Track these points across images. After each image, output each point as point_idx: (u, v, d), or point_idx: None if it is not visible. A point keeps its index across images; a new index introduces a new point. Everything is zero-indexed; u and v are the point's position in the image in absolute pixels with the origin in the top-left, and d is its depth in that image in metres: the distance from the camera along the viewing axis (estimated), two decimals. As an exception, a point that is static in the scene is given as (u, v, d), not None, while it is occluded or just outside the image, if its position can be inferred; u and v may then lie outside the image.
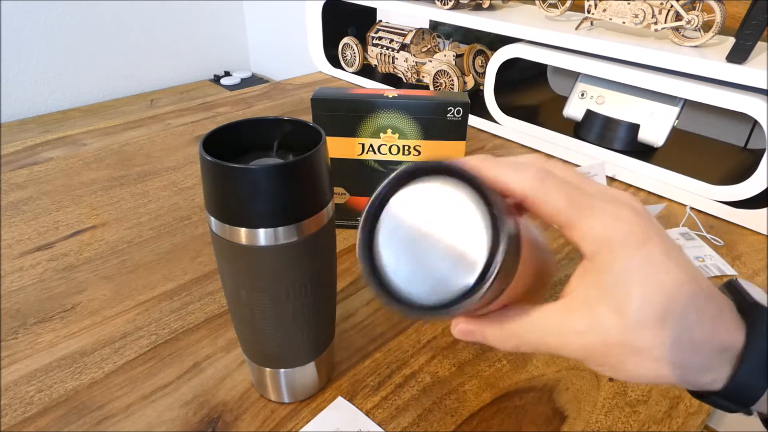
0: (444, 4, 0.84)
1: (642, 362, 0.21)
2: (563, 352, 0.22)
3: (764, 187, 0.59)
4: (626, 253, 0.21)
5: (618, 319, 0.21)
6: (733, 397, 0.22)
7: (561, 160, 0.77)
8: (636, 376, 0.22)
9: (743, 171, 0.63)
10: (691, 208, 0.65)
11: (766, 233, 0.61)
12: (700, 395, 0.23)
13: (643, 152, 0.72)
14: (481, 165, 0.22)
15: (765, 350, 0.21)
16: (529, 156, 0.24)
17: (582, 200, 0.21)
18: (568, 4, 0.75)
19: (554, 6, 0.77)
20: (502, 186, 0.22)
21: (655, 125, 0.70)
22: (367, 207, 0.21)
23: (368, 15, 1.10)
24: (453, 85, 0.89)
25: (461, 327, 0.24)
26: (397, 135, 0.53)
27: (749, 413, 0.23)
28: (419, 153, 0.54)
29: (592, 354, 0.22)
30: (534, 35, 0.74)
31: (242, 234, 0.29)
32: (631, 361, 0.21)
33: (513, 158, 0.23)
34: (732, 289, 0.24)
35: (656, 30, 0.65)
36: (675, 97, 0.68)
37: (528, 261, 0.23)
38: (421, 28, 0.94)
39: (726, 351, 0.21)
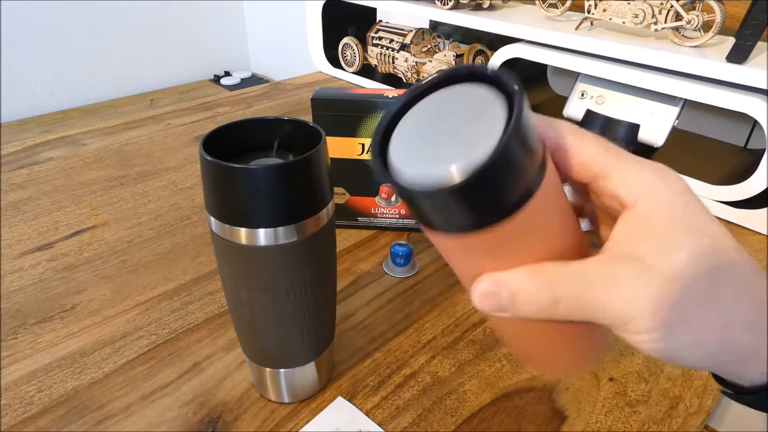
0: (444, 4, 0.84)
1: (703, 319, 0.19)
2: (605, 311, 0.19)
3: (764, 187, 0.59)
4: (669, 200, 0.19)
5: (672, 268, 0.18)
6: None
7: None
8: (691, 343, 0.19)
9: (743, 171, 0.63)
10: (691, 208, 0.65)
11: (766, 233, 0.61)
12: (744, 392, 0.21)
13: (643, 152, 0.71)
14: None
15: None
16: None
17: (616, 150, 0.20)
18: (568, 4, 0.75)
19: (554, 6, 0.77)
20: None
21: (655, 125, 0.70)
22: (399, 99, 0.20)
23: (368, 15, 1.10)
24: (453, 85, 0.89)
25: (484, 285, 0.20)
26: (397, 135, 0.53)
27: None
28: (419, 153, 0.54)
29: (640, 311, 0.18)
30: (534, 35, 0.74)
31: (242, 234, 0.29)
32: (691, 318, 0.19)
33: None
34: None
35: (656, 30, 0.65)
36: (675, 97, 0.68)
37: (565, 220, 0.21)
38: (421, 28, 0.94)
39: None
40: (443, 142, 0.18)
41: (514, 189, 0.18)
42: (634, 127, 0.71)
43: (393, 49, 0.96)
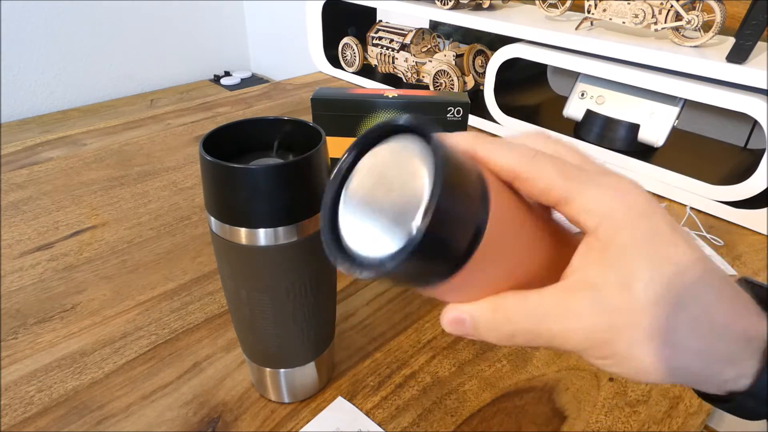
0: (444, 4, 0.84)
1: (655, 350, 0.18)
2: (563, 341, 0.20)
3: (764, 187, 0.59)
4: (630, 224, 0.19)
5: (626, 298, 0.18)
6: (763, 395, 0.20)
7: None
8: (646, 370, 0.19)
9: (743, 171, 0.63)
10: (691, 208, 0.65)
11: (766, 233, 0.61)
12: (721, 400, 0.21)
13: (643, 152, 0.72)
14: (472, 142, 0.21)
15: None
16: (527, 135, 0.23)
17: (577, 174, 0.20)
18: (568, 4, 0.75)
19: (554, 6, 0.77)
20: (491, 164, 0.20)
21: (655, 125, 0.70)
22: (335, 171, 0.21)
23: (368, 15, 1.10)
24: (453, 85, 0.89)
25: (450, 316, 0.21)
26: (397, 135, 0.53)
27: None
28: (419, 153, 0.54)
29: (596, 342, 0.19)
30: (534, 35, 0.74)
31: (242, 234, 0.29)
32: (643, 349, 0.18)
33: (509, 138, 0.22)
34: (743, 283, 0.22)
35: (656, 30, 0.65)
36: (675, 97, 0.68)
37: (529, 240, 0.21)
38: (421, 28, 0.94)
39: (751, 340, 0.19)
40: (384, 215, 0.19)
41: (456, 242, 0.19)
42: (634, 127, 0.71)
43: (393, 49, 0.96)
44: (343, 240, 0.20)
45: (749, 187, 0.60)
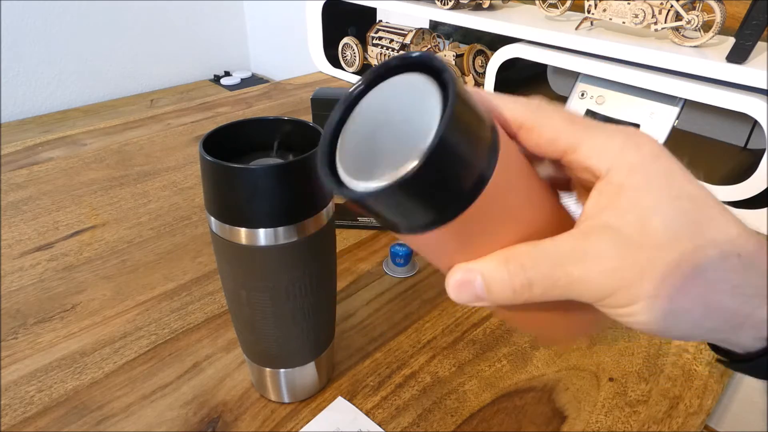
0: (444, 4, 0.84)
1: (683, 286, 0.18)
2: (583, 287, 0.19)
3: (764, 187, 0.59)
4: (642, 164, 0.18)
5: (647, 234, 0.18)
6: None
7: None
8: (668, 312, 0.18)
9: (743, 171, 0.63)
10: (691, 208, 0.65)
11: (766, 233, 0.61)
12: (738, 360, 0.21)
13: (643, 152, 0.71)
14: (477, 91, 0.20)
15: None
16: (528, 99, 0.22)
17: (583, 121, 0.20)
18: (568, 4, 0.75)
19: (554, 6, 0.77)
20: (496, 114, 0.20)
21: (655, 125, 0.70)
22: (339, 103, 0.20)
23: (368, 15, 1.10)
24: (453, 85, 0.89)
25: (457, 278, 0.20)
26: (397, 135, 0.53)
27: None
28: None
29: (618, 285, 0.18)
30: (534, 35, 0.74)
31: (242, 234, 0.29)
32: (670, 285, 0.18)
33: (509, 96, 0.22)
34: None
35: (656, 30, 0.65)
36: (675, 97, 0.68)
37: (533, 199, 0.20)
38: (421, 28, 0.94)
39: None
40: (385, 147, 0.18)
41: (463, 178, 0.18)
42: (635, 127, 0.71)
43: (393, 49, 0.96)
44: (339, 167, 0.19)
45: (749, 187, 0.60)
